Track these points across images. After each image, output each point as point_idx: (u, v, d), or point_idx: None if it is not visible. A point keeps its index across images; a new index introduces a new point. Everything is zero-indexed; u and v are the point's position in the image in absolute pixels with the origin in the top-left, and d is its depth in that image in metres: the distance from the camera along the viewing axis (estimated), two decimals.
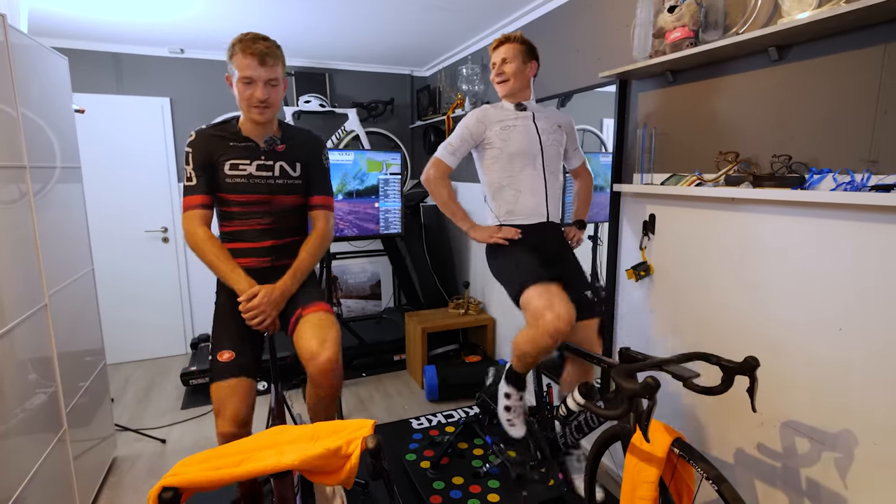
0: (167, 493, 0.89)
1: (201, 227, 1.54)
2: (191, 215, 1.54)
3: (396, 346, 3.54)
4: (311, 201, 1.71)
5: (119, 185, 3.45)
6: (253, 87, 1.50)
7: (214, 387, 1.48)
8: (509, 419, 1.88)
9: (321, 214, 1.71)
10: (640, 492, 1.33)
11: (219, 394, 1.47)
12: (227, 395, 1.47)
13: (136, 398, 3.09)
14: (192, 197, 1.55)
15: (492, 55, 1.90)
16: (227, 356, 1.51)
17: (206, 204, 1.57)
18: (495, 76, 1.89)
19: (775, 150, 1.48)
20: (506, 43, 1.86)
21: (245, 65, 1.47)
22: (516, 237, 1.85)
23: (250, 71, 1.48)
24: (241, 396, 1.47)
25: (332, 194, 1.76)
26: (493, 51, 1.89)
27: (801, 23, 1.25)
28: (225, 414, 1.45)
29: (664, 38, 1.67)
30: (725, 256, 1.65)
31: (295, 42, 3.28)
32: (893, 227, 1.21)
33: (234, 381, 1.48)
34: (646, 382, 1.12)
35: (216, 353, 1.52)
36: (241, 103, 1.54)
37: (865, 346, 1.29)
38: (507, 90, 1.88)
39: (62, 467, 1.77)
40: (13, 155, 1.55)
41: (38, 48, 1.81)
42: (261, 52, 1.47)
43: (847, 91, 1.30)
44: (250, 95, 1.50)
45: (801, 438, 1.46)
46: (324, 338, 1.47)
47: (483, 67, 3.12)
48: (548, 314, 1.56)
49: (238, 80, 1.50)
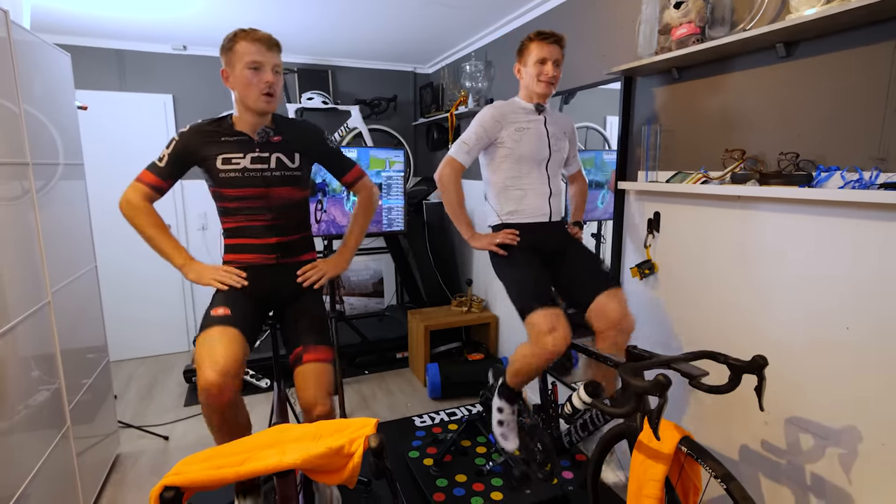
0: (169, 492, 0.89)
1: (143, 200, 1.54)
2: (138, 187, 1.54)
3: (399, 344, 3.53)
4: (344, 182, 1.79)
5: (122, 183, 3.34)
6: (262, 72, 1.48)
7: (200, 337, 1.41)
8: (503, 433, 1.91)
9: (360, 185, 1.80)
10: (646, 490, 1.32)
11: (203, 342, 1.39)
12: (212, 341, 1.38)
13: (139, 395, 3.10)
14: (149, 174, 1.55)
15: (536, 48, 1.78)
16: (220, 311, 1.47)
17: (159, 187, 1.56)
18: (544, 76, 1.79)
19: (782, 147, 1.46)
20: (557, 43, 1.79)
21: (253, 50, 1.46)
22: (514, 242, 1.84)
23: (259, 56, 1.46)
24: (227, 343, 1.38)
25: (355, 164, 1.79)
26: (541, 44, 1.77)
27: (809, 19, 1.24)
28: (207, 362, 1.33)
29: (670, 34, 1.65)
30: (731, 254, 1.64)
31: (297, 39, 3.27)
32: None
33: (222, 328, 1.42)
34: (657, 380, 1.11)
35: (209, 310, 1.50)
36: (245, 93, 1.49)
37: (873, 345, 1.27)
38: (550, 93, 1.85)
39: (66, 464, 1.77)
40: (16, 152, 1.55)
41: (41, 45, 1.81)
42: (266, 38, 1.48)
43: (856, 88, 1.29)
44: (259, 80, 1.47)
45: (807, 436, 1.45)
46: (322, 392, 1.50)
47: (487, 64, 3.10)
48: (549, 338, 1.62)
49: (244, 67, 1.47)
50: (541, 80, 1.80)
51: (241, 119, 1.57)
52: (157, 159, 1.56)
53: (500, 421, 1.91)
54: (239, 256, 1.62)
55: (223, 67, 1.53)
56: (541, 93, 1.83)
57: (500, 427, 1.91)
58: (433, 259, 3.69)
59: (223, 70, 1.53)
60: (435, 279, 3.69)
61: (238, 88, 1.51)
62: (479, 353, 3.31)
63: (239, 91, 1.51)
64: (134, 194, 1.55)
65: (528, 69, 1.83)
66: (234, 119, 1.58)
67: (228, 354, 1.36)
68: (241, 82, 1.49)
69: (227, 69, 1.52)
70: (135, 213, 1.54)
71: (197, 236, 3.71)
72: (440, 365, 3.01)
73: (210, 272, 1.57)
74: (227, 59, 1.51)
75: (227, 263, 1.64)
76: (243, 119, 1.56)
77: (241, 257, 1.62)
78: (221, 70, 1.54)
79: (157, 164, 1.56)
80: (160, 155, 1.56)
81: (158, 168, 1.55)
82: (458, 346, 3.41)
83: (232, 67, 1.50)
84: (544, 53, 1.78)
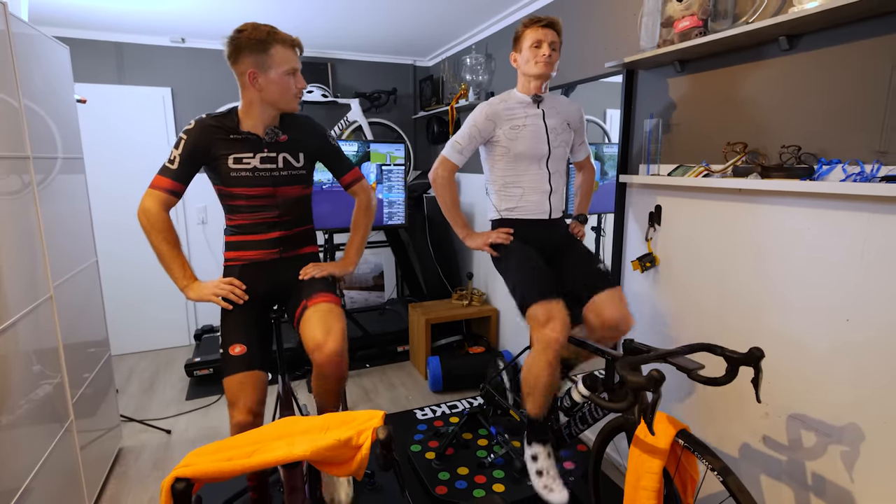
0: (180, 483, 0.89)
1: (162, 210, 1.50)
2: (155, 194, 1.50)
3: (400, 338, 3.54)
4: (342, 182, 1.78)
5: (121, 176, 3.44)
6: (297, 76, 1.53)
7: (227, 381, 1.50)
8: (545, 485, 1.64)
9: (358, 188, 1.80)
10: (643, 482, 1.34)
11: (232, 387, 1.49)
12: (240, 388, 1.48)
13: (140, 389, 3.11)
14: (164, 178, 1.50)
15: (530, 33, 1.75)
16: (238, 350, 1.51)
17: (176, 191, 1.51)
18: (541, 58, 1.74)
19: (784, 140, 1.47)
20: (551, 26, 1.74)
21: (292, 57, 1.51)
22: (507, 242, 1.83)
23: (297, 63, 1.52)
24: (252, 388, 1.49)
25: (355, 165, 1.80)
26: (535, 28, 1.74)
27: (811, 12, 1.23)
28: (238, 406, 1.47)
29: (672, 27, 1.65)
30: (732, 247, 1.65)
31: (296, 31, 3.19)
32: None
33: (247, 374, 1.49)
34: (650, 375, 1.12)
35: (227, 346, 1.53)
36: (282, 97, 1.51)
37: (873, 337, 1.29)
38: (548, 74, 1.78)
39: (69, 458, 1.78)
40: (16, 145, 1.54)
41: (40, 37, 1.80)
42: (299, 42, 1.53)
43: (858, 81, 1.29)
44: (295, 85, 1.53)
45: (807, 431, 1.47)
46: (329, 328, 1.48)
47: (487, 57, 3.09)
48: (546, 328, 1.60)
49: (283, 73, 1.48)
50: (537, 61, 1.75)
51: (249, 116, 1.54)
52: (168, 161, 1.50)
53: (539, 471, 1.67)
54: (242, 253, 1.62)
55: (250, 69, 1.46)
56: (538, 73, 1.76)
57: (539, 478, 1.66)
58: (433, 252, 3.70)
59: (252, 71, 1.46)
60: (435, 272, 3.70)
61: (273, 92, 1.49)
62: (480, 346, 3.32)
63: (274, 94, 1.50)
64: (151, 203, 1.49)
65: (523, 54, 1.78)
66: (241, 115, 1.54)
67: (255, 399, 1.49)
68: (279, 87, 1.49)
69: (257, 70, 1.46)
70: (151, 226, 1.50)
71: (197, 231, 3.71)
72: (441, 358, 3.02)
73: (210, 288, 1.55)
74: (258, 60, 1.45)
75: (230, 261, 1.64)
76: (254, 116, 1.53)
77: (243, 254, 1.62)
78: (249, 71, 1.46)
79: (168, 167, 1.50)
80: (170, 157, 1.50)
81: (171, 171, 1.50)
82: (458, 340, 3.42)
83: (265, 70, 1.47)
84: (539, 36, 1.73)
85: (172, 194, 1.51)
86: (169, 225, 1.52)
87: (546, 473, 1.67)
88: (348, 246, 1.79)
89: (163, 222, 1.50)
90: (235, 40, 1.45)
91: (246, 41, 1.44)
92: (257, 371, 1.51)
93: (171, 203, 1.52)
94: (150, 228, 1.50)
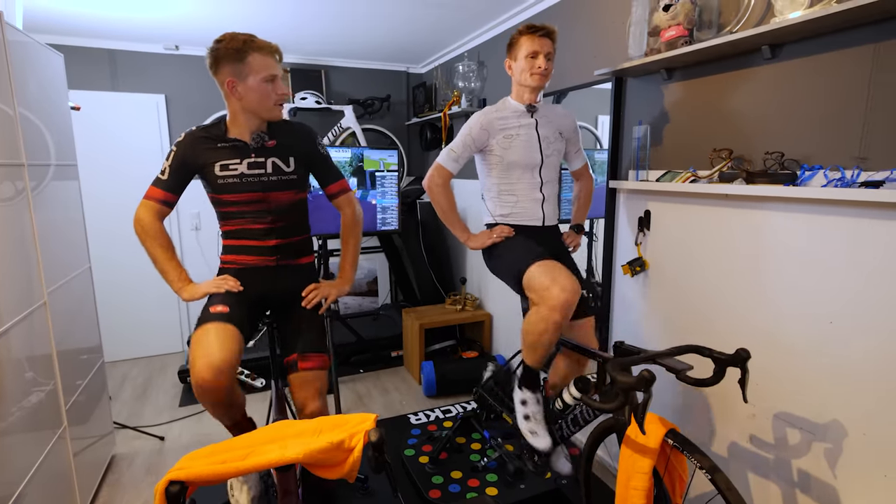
0: (174, 486, 0.90)
1: (155, 220, 1.57)
2: (148, 204, 1.56)
3: (394, 343, 3.55)
4: (327, 192, 1.76)
5: (115, 183, 3.44)
6: (275, 83, 1.53)
7: (196, 333, 1.43)
8: (531, 429, 1.74)
9: (343, 201, 1.77)
10: (633, 482, 1.36)
11: (198, 337, 1.41)
12: (208, 337, 1.40)
13: (134, 396, 3.09)
14: (156, 189, 1.57)
15: (526, 42, 1.75)
16: (219, 308, 1.49)
17: (168, 201, 1.58)
18: (536, 69, 1.75)
19: (768, 146, 1.50)
20: (548, 36, 1.75)
21: (270, 63, 1.51)
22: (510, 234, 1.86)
23: (275, 69, 1.52)
24: (220, 340, 1.39)
25: (342, 177, 1.78)
26: (531, 37, 1.74)
27: (793, 22, 1.27)
28: (201, 355, 1.36)
29: (659, 36, 1.69)
30: (719, 251, 1.68)
31: (290, 38, 3.28)
32: (882, 223, 1.23)
33: (219, 324, 1.44)
34: (641, 376, 1.14)
35: (208, 307, 1.51)
36: (262, 104, 1.52)
37: (856, 339, 1.32)
38: (543, 86, 1.80)
39: (62, 465, 1.78)
40: (11, 153, 1.55)
41: (34, 45, 1.81)
42: (277, 48, 1.53)
43: (838, 89, 1.33)
44: (275, 92, 1.53)
45: (792, 429, 1.49)
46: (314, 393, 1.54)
47: (479, 64, 3.13)
48: (554, 288, 1.54)
49: (261, 80, 1.49)
50: (533, 73, 1.76)
51: (236, 125, 1.57)
52: (160, 173, 1.57)
53: (526, 415, 1.75)
54: (238, 258, 1.63)
55: (228, 78, 1.48)
56: (533, 86, 1.79)
57: (526, 422, 1.74)
58: (427, 258, 3.71)
59: (230, 80, 1.48)
60: (429, 277, 3.71)
61: (252, 100, 1.51)
62: (474, 350, 3.34)
63: (253, 102, 1.51)
64: (145, 213, 1.56)
65: (518, 63, 1.79)
66: (228, 124, 1.58)
67: (224, 350, 1.37)
68: (258, 94, 1.50)
69: (235, 79, 1.48)
70: (146, 234, 1.56)
71: (190, 237, 3.71)
72: (435, 363, 3.03)
73: (204, 286, 1.58)
74: (235, 69, 1.47)
75: (226, 264, 1.65)
76: (240, 125, 1.56)
77: (240, 258, 1.63)
78: (228, 80, 1.48)
79: (160, 179, 1.57)
80: (162, 168, 1.57)
81: (163, 182, 1.57)
82: (452, 344, 3.44)
83: (243, 78, 1.48)
84: (535, 47, 1.74)
85: (165, 204, 1.58)
86: (163, 232, 1.58)
87: (533, 418, 1.74)
88: (342, 263, 1.78)
89: (156, 231, 1.57)
90: (215, 51, 1.49)
91: (224, 51, 1.47)
92: (232, 325, 1.45)
93: (165, 213, 1.59)
94: (145, 237, 1.56)
